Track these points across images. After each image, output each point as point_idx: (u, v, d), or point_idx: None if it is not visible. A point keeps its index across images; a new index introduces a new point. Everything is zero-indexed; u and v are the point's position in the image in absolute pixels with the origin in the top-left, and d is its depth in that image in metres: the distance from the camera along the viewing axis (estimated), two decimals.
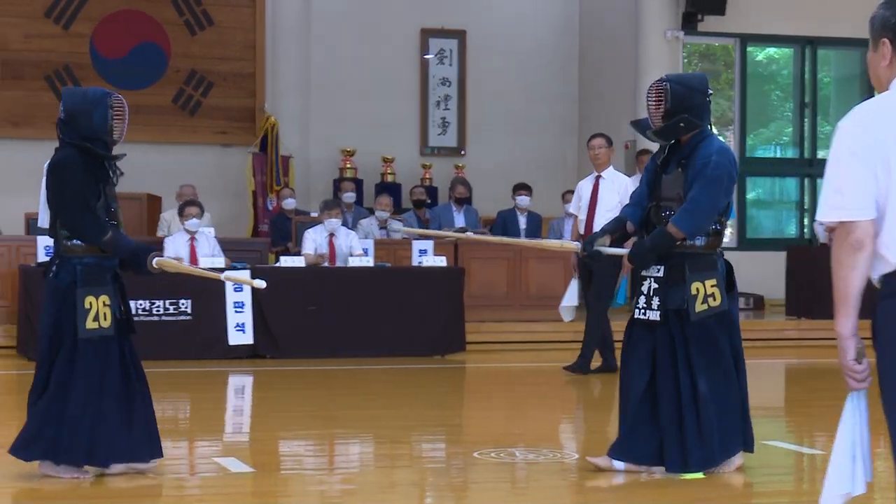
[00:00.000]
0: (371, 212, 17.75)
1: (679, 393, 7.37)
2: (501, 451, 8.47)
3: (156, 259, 7.52)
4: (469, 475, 7.90)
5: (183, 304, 14.02)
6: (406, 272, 15.23)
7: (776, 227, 21.61)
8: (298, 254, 15.14)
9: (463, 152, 21.23)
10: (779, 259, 18.50)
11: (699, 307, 7.33)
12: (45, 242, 14.64)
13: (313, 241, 15.05)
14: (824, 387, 13.18)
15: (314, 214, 16.71)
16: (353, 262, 14.91)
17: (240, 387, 12.85)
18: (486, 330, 15.67)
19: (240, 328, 14.11)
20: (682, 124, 7.45)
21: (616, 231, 7.78)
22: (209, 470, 8.17)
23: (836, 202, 3.88)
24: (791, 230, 21.40)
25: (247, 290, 14.14)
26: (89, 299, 7.29)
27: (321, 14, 20.57)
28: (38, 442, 7.33)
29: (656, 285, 7.44)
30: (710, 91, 7.59)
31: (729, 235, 21.07)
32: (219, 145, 20.19)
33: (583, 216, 12.77)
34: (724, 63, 21.65)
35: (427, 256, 15.52)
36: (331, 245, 15.03)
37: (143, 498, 7.15)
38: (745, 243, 20.48)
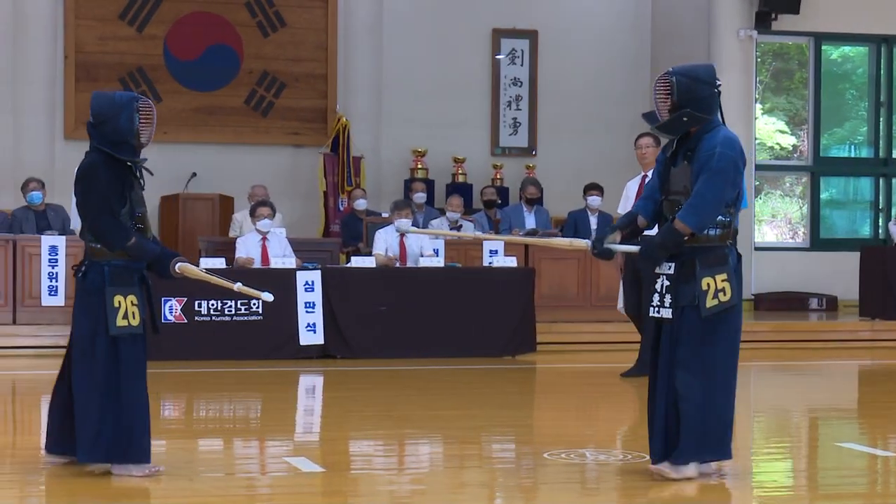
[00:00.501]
0: (442, 212, 17.74)
1: (666, 388, 7.33)
2: (572, 452, 8.43)
3: (178, 265, 7.65)
4: (539, 476, 7.87)
5: (254, 304, 14.08)
6: (476, 273, 15.21)
7: (850, 228, 21.36)
8: (369, 254, 15.17)
9: (534, 152, 21.18)
10: (852, 259, 18.30)
11: (710, 302, 7.22)
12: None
13: (384, 241, 15.08)
14: None
15: (385, 215, 16.73)
16: (424, 262, 14.93)
17: (310, 387, 12.89)
18: (557, 330, 15.62)
19: (311, 328, 14.15)
20: (685, 118, 7.32)
21: (627, 227, 7.65)
22: (280, 469, 8.19)
23: None
24: (865, 230, 21.16)
25: (318, 289, 14.19)
26: (118, 298, 7.43)
27: (393, 14, 20.58)
28: (101, 444, 7.44)
29: (668, 283, 7.37)
30: (719, 82, 7.42)
31: (802, 236, 20.88)
32: (291, 146, 20.26)
33: None
34: (797, 62, 21.45)
35: (497, 257, 15.50)
36: (401, 246, 15.05)
37: (211, 497, 7.17)
38: (818, 244, 20.27)
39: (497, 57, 21.10)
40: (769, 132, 21.63)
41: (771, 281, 19.59)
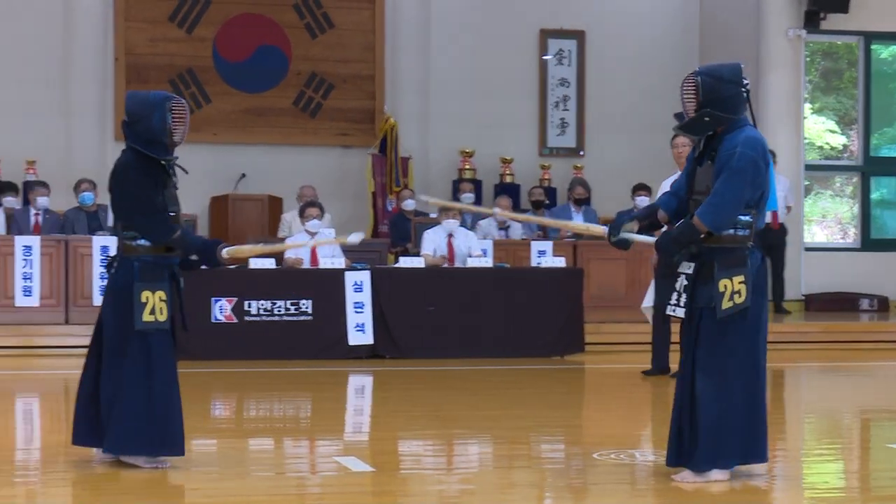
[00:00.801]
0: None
1: (681, 390, 7.30)
2: (621, 453, 8.41)
3: (225, 249, 7.73)
4: (588, 476, 7.85)
5: (304, 304, 14.12)
6: (525, 273, 15.20)
7: None
8: (418, 254, 15.18)
9: (582, 153, 21.14)
10: None
11: (725, 304, 7.15)
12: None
13: (432, 241, 15.09)
14: None
15: (433, 215, 16.75)
16: (472, 262, 14.93)
17: (360, 386, 12.91)
18: (606, 331, 15.59)
19: (360, 328, 14.18)
20: (706, 118, 7.27)
21: (646, 218, 7.63)
22: (329, 469, 8.21)
23: None
24: None
25: (367, 290, 14.20)
26: (146, 294, 7.50)
27: (440, 15, 20.60)
28: (136, 436, 7.54)
29: (687, 282, 7.33)
30: (746, 81, 7.33)
31: (853, 236, 20.75)
32: (339, 147, 20.30)
33: None
34: (847, 61, 21.32)
35: (546, 257, 15.49)
36: (450, 246, 15.06)
37: (262, 496, 7.19)
38: (868, 244, 20.14)
39: (544, 57, 21.07)
40: (819, 132, 21.50)
41: (821, 281, 19.47)
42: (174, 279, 7.71)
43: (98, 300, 14.83)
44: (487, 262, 15.03)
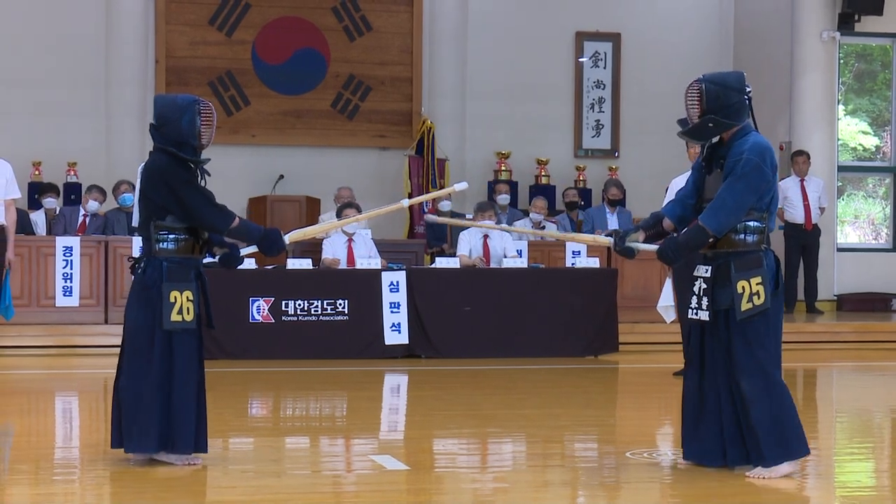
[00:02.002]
0: (526, 213, 17.73)
1: (729, 392, 7.35)
2: (654, 451, 8.39)
3: (287, 236, 7.77)
4: (621, 475, 7.83)
5: (340, 304, 14.13)
6: (559, 273, 15.18)
7: None
8: (453, 255, 15.18)
9: (617, 154, 21.11)
10: None
11: (744, 306, 7.22)
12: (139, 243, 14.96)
13: (468, 242, 15.09)
14: None
15: (469, 216, 16.73)
16: (508, 263, 14.92)
17: (395, 386, 12.91)
18: (640, 331, 15.56)
19: (395, 328, 14.18)
20: (710, 124, 7.36)
21: (651, 228, 7.69)
22: (365, 467, 8.21)
23: None
24: None
25: (402, 290, 14.21)
26: (174, 294, 7.52)
27: (477, 18, 20.60)
28: (152, 434, 7.58)
29: (705, 285, 7.38)
30: (749, 88, 7.44)
31: (885, 237, 20.63)
32: (376, 148, 20.33)
33: None
34: (881, 63, 21.21)
35: (580, 258, 15.47)
36: (485, 247, 15.05)
37: (298, 494, 7.20)
38: None
39: (580, 60, 21.04)
40: (852, 133, 21.40)
41: (854, 282, 19.39)
42: (200, 278, 7.75)
43: None
44: (522, 263, 15.02)
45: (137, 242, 14.30)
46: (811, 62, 19.27)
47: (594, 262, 15.32)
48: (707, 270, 7.41)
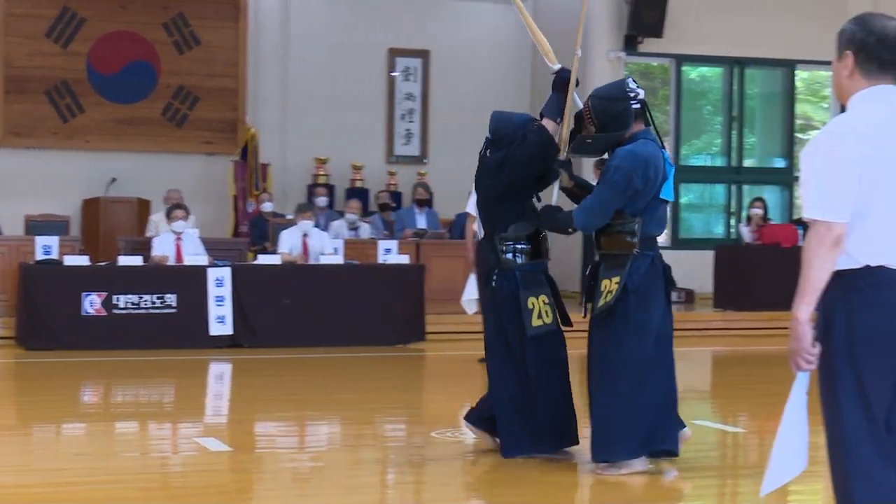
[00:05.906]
0: (341, 214, 17.70)
1: (590, 387, 7.28)
2: (457, 431, 8.45)
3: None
4: (427, 452, 7.88)
5: (169, 298, 13.93)
6: (372, 269, 15.18)
7: (706, 228, 21.65)
8: (275, 252, 15.09)
9: (425, 161, 21.19)
10: (707, 257, 18.52)
11: (601, 301, 7.05)
12: (42, 242, 14.55)
13: (288, 240, 15.02)
14: (746, 372, 13.26)
15: (289, 217, 16.67)
16: (325, 259, 14.88)
17: (220, 373, 12.79)
18: (445, 321, 15.62)
19: (220, 320, 14.03)
20: (588, 140, 7.26)
21: (579, 187, 7.46)
22: (191, 449, 8.13)
23: (823, 203, 3.90)
24: (719, 231, 21.45)
25: (227, 285, 14.07)
26: (531, 300, 7.31)
27: (298, 34, 20.49)
28: (524, 438, 7.42)
29: (589, 283, 7.32)
30: (633, 93, 7.20)
31: (664, 235, 21.08)
32: (204, 154, 20.08)
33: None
34: (661, 80, 21.67)
35: (391, 255, 15.50)
36: (304, 244, 15.00)
37: (128, 475, 7.07)
38: (678, 243, 20.49)
39: (392, 74, 21.08)
40: None
41: None
42: (550, 280, 7.53)
43: None
44: (339, 260, 14.99)
45: (40, 243, 13.85)
46: (599, 79, 19.51)
47: (404, 259, 15.36)
48: (588, 269, 7.36)
